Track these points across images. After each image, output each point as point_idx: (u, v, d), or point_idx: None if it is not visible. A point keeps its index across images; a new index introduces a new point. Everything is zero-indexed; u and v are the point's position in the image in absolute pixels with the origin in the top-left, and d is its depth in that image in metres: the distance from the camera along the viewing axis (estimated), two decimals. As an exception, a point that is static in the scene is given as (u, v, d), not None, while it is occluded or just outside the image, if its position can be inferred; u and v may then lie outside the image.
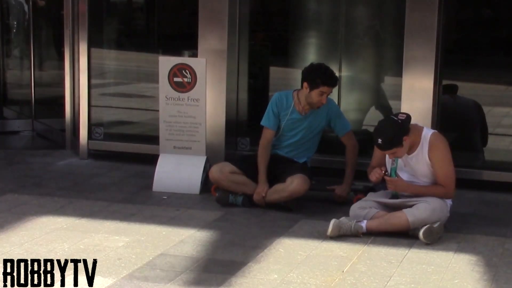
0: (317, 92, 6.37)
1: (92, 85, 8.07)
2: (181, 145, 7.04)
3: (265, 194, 6.35)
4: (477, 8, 7.95)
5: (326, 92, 6.39)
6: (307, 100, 6.44)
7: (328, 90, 6.40)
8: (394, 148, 5.66)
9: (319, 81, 6.34)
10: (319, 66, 6.50)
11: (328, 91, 6.40)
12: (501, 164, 7.48)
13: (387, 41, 7.86)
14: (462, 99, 7.64)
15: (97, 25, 8.25)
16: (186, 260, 5.12)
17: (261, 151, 6.53)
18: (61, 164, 7.89)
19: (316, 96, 6.38)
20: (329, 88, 6.40)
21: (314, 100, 6.41)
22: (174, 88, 7.00)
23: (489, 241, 5.66)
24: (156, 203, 6.55)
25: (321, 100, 6.40)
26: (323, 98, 6.40)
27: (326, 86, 6.37)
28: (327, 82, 6.37)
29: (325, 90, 6.38)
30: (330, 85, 6.39)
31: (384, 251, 5.41)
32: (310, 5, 8.31)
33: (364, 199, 6.01)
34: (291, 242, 5.55)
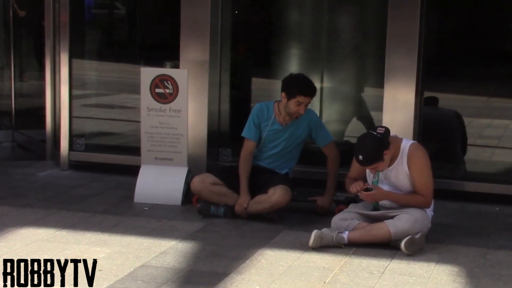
0: (294, 102, 6.36)
1: (73, 96, 8.03)
2: (163, 156, 7.02)
3: (247, 205, 6.34)
4: (459, 20, 7.98)
5: (303, 102, 6.37)
6: (286, 110, 6.44)
7: (305, 100, 6.38)
8: (375, 163, 5.68)
9: (295, 90, 6.33)
10: (296, 76, 6.50)
11: (305, 101, 6.38)
12: (482, 175, 7.51)
13: (369, 52, 7.88)
14: (443, 110, 7.67)
15: (78, 35, 8.22)
16: (168, 272, 5.10)
17: (242, 162, 6.52)
18: (41, 175, 7.85)
19: (293, 106, 6.37)
20: (306, 97, 6.37)
21: (292, 110, 6.40)
22: (156, 99, 6.99)
23: (470, 252, 5.68)
24: (137, 214, 6.53)
25: (299, 110, 6.39)
26: (300, 108, 6.38)
27: (303, 96, 6.35)
28: (304, 92, 6.35)
29: (302, 100, 6.36)
30: (306, 94, 6.37)
31: (366, 262, 5.41)
32: (292, 16, 8.32)
33: (346, 210, 6.02)
34: (273, 253, 5.54)
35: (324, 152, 6.63)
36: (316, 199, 6.58)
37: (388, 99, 6.96)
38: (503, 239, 6.01)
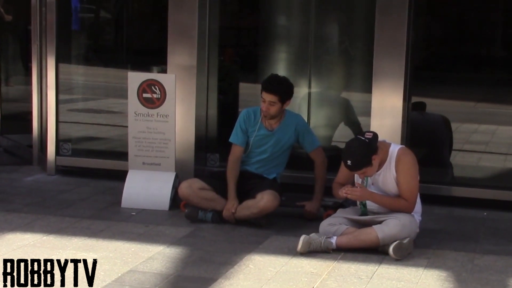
0: (261, 99, 6.35)
1: (60, 101, 8.00)
2: (150, 161, 7.00)
3: (234, 210, 6.32)
4: (446, 26, 8.02)
5: (265, 98, 6.33)
6: None
7: (266, 96, 6.33)
8: (364, 168, 5.68)
9: (261, 87, 6.35)
10: (270, 74, 6.51)
11: (266, 97, 6.33)
12: (470, 180, 7.52)
13: (357, 58, 7.90)
14: (431, 115, 7.69)
15: (65, 40, 8.20)
16: (155, 277, 5.08)
17: (230, 168, 6.50)
18: (28, 180, 7.82)
19: (261, 103, 6.37)
20: (267, 94, 6.32)
21: (262, 109, 6.39)
22: (143, 104, 6.97)
23: (458, 256, 5.68)
24: (125, 219, 6.50)
25: (262, 107, 6.37)
26: (263, 106, 6.36)
27: (264, 91, 6.34)
28: (264, 87, 6.35)
29: (264, 96, 6.34)
30: (266, 90, 6.32)
31: (354, 267, 5.40)
32: (279, 21, 8.33)
33: (334, 216, 6.01)
34: (261, 258, 5.52)
35: (312, 157, 6.62)
36: (304, 204, 6.57)
37: (376, 104, 6.96)
38: (491, 244, 6.02)
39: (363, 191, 5.79)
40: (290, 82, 6.50)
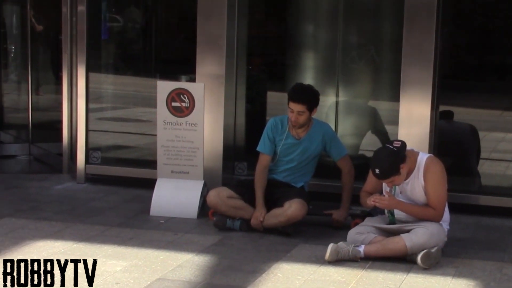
0: (289, 110, 6.37)
1: (89, 109, 8.07)
2: (179, 170, 7.04)
3: (262, 219, 6.34)
4: (474, 34, 8.00)
5: (293, 108, 6.34)
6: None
7: (294, 107, 6.33)
8: (392, 176, 5.68)
9: (288, 97, 6.35)
10: (295, 84, 6.53)
11: (294, 107, 6.33)
12: (498, 189, 7.49)
13: (385, 66, 7.90)
14: (458, 124, 7.67)
15: (95, 49, 8.27)
16: (184, 285, 5.11)
17: (258, 176, 6.53)
18: (58, 188, 7.89)
19: (289, 113, 6.38)
20: (294, 103, 6.32)
21: (290, 120, 6.41)
22: (172, 112, 7.02)
23: (486, 266, 5.67)
24: (153, 227, 6.54)
25: (291, 118, 6.38)
26: (292, 116, 6.36)
27: (291, 102, 6.34)
28: (291, 97, 6.34)
29: (292, 106, 6.34)
30: (293, 100, 6.31)
31: (382, 276, 5.41)
32: (307, 29, 8.34)
33: (362, 224, 6.02)
34: (289, 267, 5.54)
35: (339, 165, 6.63)
36: (331, 212, 6.58)
37: (403, 112, 6.95)
38: (519, 253, 6.01)
39: (391, 200, 5.80)
40: (316, 90, 6.51)
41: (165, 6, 9.10)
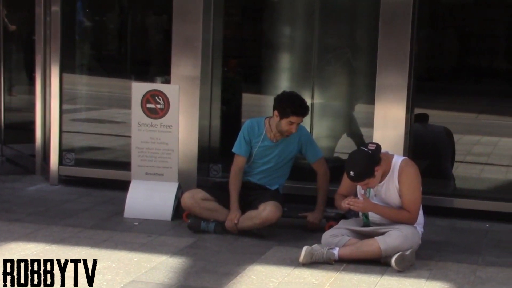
0: (287, 122, 6.37)
1: (63, 111, 8.01)
2: (153, 172, 7.01)
3: (237, 221, 6.32)
4: (449, 37, 8.03)
5: (296, 122, 6.39)
6: (277, 128, 6.45)
7: (297, 120, 6.39)
8: (367, 179, 5.69)
9: (288, 110, 6.35)
10: (289, 95, 6.50)
11: (297, 121, 6.40)
12: (472, 192, 7.52)
13: (360, 69, 7.90)
14: (433, 127, 7.69)
15: (69, 50, 8.21)
16: (158, 287, 5.08)
17: (233, 178, 6.51)
18: (31, 189, 7.83)
19: (285, 125, 6.39)
20: (299, 118, 6.39)
21: (283, 129, 6.41)
22: (147, 114, 6.99)
23: (460, 268, 5.68)
24: (127, 229, 6.50)
25: (291, 129, 6.40)
26: (292, 128, 6.40)
27: (296, 116, 6.37)
28: (297, 112, 6.37)
29: (294, 120, 6.38)
30: (299, 115, 6.38)
31: (356, 278, 5.40)
32: (283, 32, 8.34)
33: (336, 227, 6.02)
34: (263, 269, 5.53)
35: (314, 168, 6.63)
36: (306, 215, 6.57)
37: (379, 115, 6.96)
38: (494, 256, 6.02)
39: (365, 203, 5.80)
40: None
41: (140, 7, 9.06)
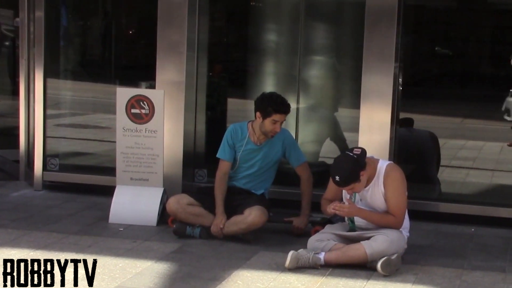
0: (270, 121, 6.37)
1: (47, 116, 7.97)
2: (138, 177, 6.99)
3: (222, 226, 6.31)
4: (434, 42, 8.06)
5: (279, 120, 6.38)
6: (261, 129, 6.45)
7: (280, 118, 6.39)
8: (352, 184, 5.68)
9: (270, 109, 6.35)
10: (270, 95, 6.52)
11: (280, 118, 6.39)
12: (458, 196, 7.54)
13: (345, 73, 7.91)
14: (418, 131, 7.71)
15: (53, 55, 8.18)
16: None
17: (217, 183, 6.50)
18: (15, 195, 7.78)
19: (269, 124, 6.38)
20: (281, 115, 6.39)
21: (267, 129, 6.41)
22: (132, 119, 6.96)
23: (446, 272, 5.69)
24: (112, 234, 6.47)
25: (275, 129, 6.40)
26: (276, 127, 6.40)
27: (278, 114, 6.37)
28: (279, 110, 6.37)
29: (277, 118, 6.37)
30: (282, 112, 6.38)
31: (343, 283, 5.40)
32: (268, 36, 8.34)
33: (322, 231, 6.01)
34: (249, 274, 5.51)
35: (298, 172, 6.62)
36: (292, 219, 6.56)
37: (364, 120, 6.97)
38: (479, 260, 6.03)
39: (351, 208, 5.79)
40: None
41: (125, 11, 9.04)
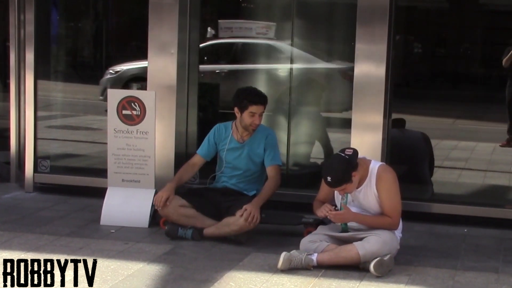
0: (248, 114, 6.39)
1: (38, 117, 7.95)
2: (130, 178, 6.96)
3: (165, 199, 6.33)
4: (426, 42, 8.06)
5: (256, 111, 6.39)
6: (242, 124, 6.47)
7: (257, 110, 6.40)
8: (344, 184, 5.67)
9: (246, 102, 6.38)
10: (245, 89, 6.59)
11: (257, 110, 6.40)
12: (450, 197, 7.53)
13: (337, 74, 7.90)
14: (411, 132, 7.71)
15: (44, 56, 8.16)
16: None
17: (182, 168, 6.63)
18: (5, 197, 7.75)
19: (247, 118, 6.40)
20: (258, 106, 6.40)
21: (247, 122, 6.42)
22: (123, 120, 6.94)
23: (439, 273, 5.68)
24: (104, 236, 6.45)
25: (254, 121, 6.41)
26: (255, 119, 6.41)
27: (254, 105, 6.38)
28: (254, 101, 6.39)
29: (254, 110, 6.38)
30: (257, 103, 6.39)
31: (335, 284, 5.38)
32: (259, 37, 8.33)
33: (315, 233, 6.00)
34: (241, 276, 5.49)
35: (268, 172, 6.54)
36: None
37: (356, 120, 6.96)
38: (472, 261, 6.03)
39: (346, 214, 5.77)
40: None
41: (116, 13, 9.02)
